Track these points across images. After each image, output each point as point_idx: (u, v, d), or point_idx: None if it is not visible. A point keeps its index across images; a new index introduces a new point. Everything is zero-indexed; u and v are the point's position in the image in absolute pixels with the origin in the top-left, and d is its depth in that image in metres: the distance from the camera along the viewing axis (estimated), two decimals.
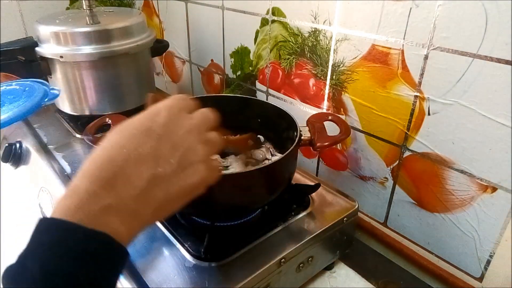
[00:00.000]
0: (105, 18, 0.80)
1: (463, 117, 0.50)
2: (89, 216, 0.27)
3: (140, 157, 0.29)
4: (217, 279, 0.46)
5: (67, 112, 0.83)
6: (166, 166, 0.30)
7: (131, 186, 0.29)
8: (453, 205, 0.55)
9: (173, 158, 0.31)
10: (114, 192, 0.28)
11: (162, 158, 0.30)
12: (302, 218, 0.56)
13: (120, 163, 0.29)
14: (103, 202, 0.28)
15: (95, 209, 0.27)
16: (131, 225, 0.29)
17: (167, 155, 0.31)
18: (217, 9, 0.84)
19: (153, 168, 0.30)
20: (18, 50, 0.74)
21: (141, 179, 0.29)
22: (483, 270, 0.55)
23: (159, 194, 0.30)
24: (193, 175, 0.32)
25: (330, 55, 0.64)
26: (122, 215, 0.28)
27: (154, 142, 0.30)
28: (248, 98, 0.68)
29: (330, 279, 0.60)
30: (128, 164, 0.29)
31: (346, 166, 0.70)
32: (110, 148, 0.30)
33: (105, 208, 0.28)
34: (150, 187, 0.30)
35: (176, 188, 0.31)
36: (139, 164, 0.29)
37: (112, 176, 0.28)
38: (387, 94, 0.58)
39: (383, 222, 0.67)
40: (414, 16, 0.51)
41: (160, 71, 1.20)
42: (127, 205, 0.29)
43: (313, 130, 0.57)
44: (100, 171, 0.29)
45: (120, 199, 0.28)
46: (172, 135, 0.31)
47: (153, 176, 0.30)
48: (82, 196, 0.28)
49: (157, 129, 0.31)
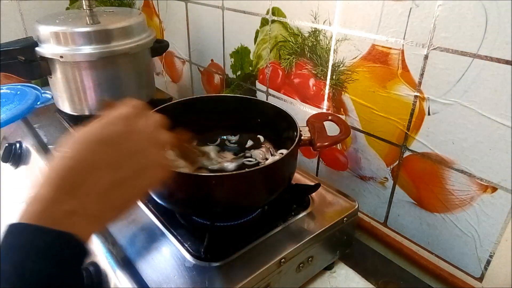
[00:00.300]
0: (105, 18, 0.80)
1: (463, 117, 0.50)
2: (54, 220, 0.29)
3: (98, 165, 0.32)
4: (217, 279, 0.46)
5: (67, 112, 0.83)
6: (122, 172, 0.33)
7: (91, 192, 0.31)
8: (453, 205, 0.55)
9: (129, 163, 0.33)
10: (76, 199, 0.30)
11: (118, 165, 0.33)
12: (302, 218, 0.56)
13: (80, 171, 0.31)
14: (65, 208, 0.30)
15: (58, 214, 0.30)
16: (93, 226, 0.32)
17: (123, 161, 0.33)
18: (217, 9, 0.84)
19: (110, 174, 0.32)
20: (18, 50, 0.74)
21: (100, 185, 0.32)
22: (483, 270, 0.55)
23: (117, 197, 0.33)
24: (148, 177, 0.35)
25: (330, 55, 0.64)
26: (84, 218, 0.31)
27: (111, 150, 0.33)
28: (248, 98, 0.68)
29: (330, 279, 0.60)
30: (87, 172, 0.31)
31: (346, 166, 0.70)
32: (70, 158, 0.32)
33: (68, 213, 0.30)
34: (109, 192, 0.32)
35: (133, 190, 0.34)
36: (98, 172, 0.32)
37: (73, 184, 0.31)
38: (387, 94, 0.58)
39: (383, 222, 0.67)
40: (414, 16, 0.51)
41: (160, 71, 1.20)
42: (88, 209, 0.31)
43: (313, 130, 0.57)
44: (62, 179, 0.31)
45: (81, 204, 0.31)
46: (126, 143, 0.34)
47: (111, 182, 0.32)
48: (46, 203, 0.30)
49: (113, 138, 0.33)
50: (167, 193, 0.51)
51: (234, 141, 0.68)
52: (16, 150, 0.77)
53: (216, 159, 0.61)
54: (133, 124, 0.35)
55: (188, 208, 0.54)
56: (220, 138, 0.68)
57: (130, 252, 0.50)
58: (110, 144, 0.33)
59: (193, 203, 0.51)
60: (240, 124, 0.68)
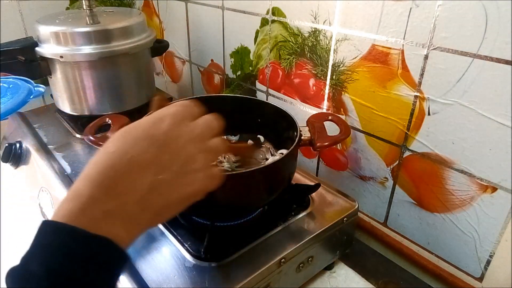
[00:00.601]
0: (105, 18, 0.80)
1: (463, 117, 0.50)
2: (91, 220, 0.28)
3: (142, 164, 0.30)
4: (217, 279, 0.46)
5: (67, 112, 0.83)
6: (167, 174, 0.31)
7: (132, 192, 0.29)
8: (453, 205, 0.55)
9: (174, 166, 0.31)
10: (116, 198, 0.29)
11: (163, 166, 0.31)
12: (302, 218, 0.56)
13: (122, 169, 0.29)
14: (104, 207, 0.28)
15: (97, 214, 0.28)
16: (131, 229, 0.30)
17: (168, 163, 0.31)
18: (217, 9, 0.84)
19: (154, 175, 0.30)
20: (18, 50, 0.74)
21: (142, 185, 0.30)
22: (483, 270, 0.55)
23: (158, 200, 0.31)
24: (192, 183, 0.33)
25: (330, 55, 0.64)
26: (123, 220, 0.29)
27: (156, 149, 0.31)
28: (248, 98, 0.68)
29: (330, 279, 0.60)
30: (130, 171, 0.29)
31: (346, 166, 0.70)
32: (113, 153, 0.30)
33: (106, 213, 0.28)
34: (150, 193, 0.30)
35: (175, 195, 0.32)
36: (141, 171, 0.30)
37: (114, 182, 0.29)
38: (387, 94, 0.58)
39: (383, 222, 0.67)
40: (414, 16, 0.51)
41: (160, 71, 1.20)
42: (127, 210, 0.29)
43: (313, 130, 0.57)
44: (103, 176, 0.29)
45: (121, 204, 0.29)
46: (173, 144, 0.32)
47: (154, 183, 0.30)
48: (84, 201, 0.28)
49: (160, 137, 0.31)
50: None
51: (234, 141, 0.68)
52: (16, 150, 0.77)
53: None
54: (183, 124, 0.33)
55: (188, 208, 0.53)
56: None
57: (130, 252, 0.49)
58: (156, 142, 0.31)
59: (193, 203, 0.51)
60: (240, 124, 0.68)
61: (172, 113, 0.33)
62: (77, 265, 0.26)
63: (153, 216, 0.31)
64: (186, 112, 0.34)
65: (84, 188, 0.29)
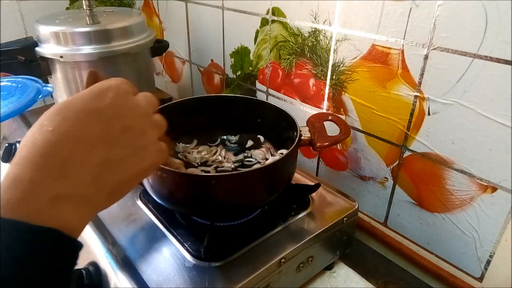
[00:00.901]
0: (105, 18, 0.80)
1: (463, 117, 0.50)
2: (35, 209, 0.24)
3: (89, 140, 0.27)
4: (217, 279, 0.46)
5: None
6: (118, 150, 0.29)
7: (82, 172, 0.27)
8: (453, 205, 0.55)
9: (125, 141, 0.29)
10: (63, 180, 0.26)
11: (113, 142, 0.29)
12: (302, 218, 0.56)
13: (67, 147, 0.26)
14: (51, 192, 0.25)
15: (42, 201, 0.25)
16: (84, 213, 0.27)
17: (118, 138, 0.29)
18: (217, 9, 0.84)
19: (104, 152, 0.28)
20: (18, 50, 0.74)
21: (92, 164, 0.27)
22: (483, 270, 0.55)
23: (112, 178, 0.29)
24: (144, 158, 0.31)
25: (330, 55, 0.64)
26: (73, 204, 0.26)
27: (103, 124, 0.28)
28: (248, 98, 0.68)
29: (330, 279, 0.60)
30: (77, 149, 0.27)
31: (346, 166, 0.70)
32: (52, 131, 0.26)
33: (53, 198, 0.25)
34: (103, 172, 0.28)
35: (129, 172, 0.30)
36: (90, 148, 0.27)
37: (60, 163, 0.26)
38: (387, 94, 0.58)
39: (383, 222, 0.67)
40: (414, 16, 0.51)
41: (160, 71, 1.20)
42: (78, 192, 0.26)
43: (313, 130, 0.57)
44: (44, 157, 0.25)
45: (70, 187, 0.26)
46: (122, 117, 0.30)
47: (105, 160, 0.28)
48: (25, 187, 0.24)
49: (106, 110, 0.29)
50: (167, 193, 0.51)
51: (234, 141, 0.68)
52: (16, 150, 0.77)
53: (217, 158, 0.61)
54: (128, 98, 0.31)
55: (188, 208, 0.54)
56: (220, 138, 0.68)
57: (130, 252, 0.50)
58: (101, 116, 0.28)
59: (193, 203, 0.51)
60: (240, 124, 0.68)
61: (115, 85, 0.31)
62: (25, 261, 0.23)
63: (107, 196, 0.29)
64: (128, 85, 0.32)
65: (23, 174, 0.25)
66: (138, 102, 0.32)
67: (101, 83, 0.31)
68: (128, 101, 0.31)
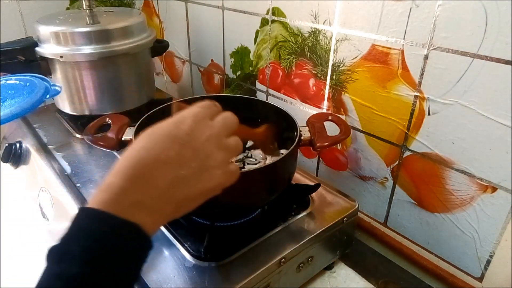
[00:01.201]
0: (105, 18, 0.80)
1: (463, 117, 0.50)
2: (121, 208, 0.31)
3: (165, 160, 0.33)
4: (217, 279, 0.46)
5: (67, 112, 0.83)
6: (187, 170, 0.34)
7: (157, 186, 0.32)
8: (453, 205, 0.55)
9: (194, 162, 0.34)
10: (142, 190, 0.32)
11: (184, 162, 0.34)
12: (302, 218, 0.56)
13: (148, 164, 0.33)
14: (133, 198, 0.31)
15: (126, 203, 0.31)
16: (156, 219, 0.33)
17: (188, 160, 0.34)
18: (217, 9, 0.84)
19: (176, 171, 0.33)
20: (18, 50, 0.74)
21: (165, 180, 0.33)
22: (483, 270, 0.55)
23: (179, 194, 0.34)
24: (211, 179, 0.36)
25: (330, 55, 0.64)
26: (148, 210, 0.32)
27: (178, 147, 0.34)
28: (248, 98, 0.68)
29: (330, 279, 0.60)
30: (155, 166, 0.33)
31: (346, 166, 0.70)
32: (140, 149, 0.33)
33: (134, 203, 0.31)
34: (172, 187, 0.33)
35: (195, 190, 0.35)
36: (164, 167, 0.33)
37: (141, 176, 0.32)
38: (387, 94, 0.58)
39: (383, 222, 0.67)
40: (414, 16, 0.51)
41: (160, 71, 1.20)
42: (152, 202, 0.32)
43: (313, 130, 0.57)
44: (132, 170, 0.32)
45: (147, 196, 0.32)
46: (194, 142, 0.35)
47: (176, 178, 0.33)
48: (115, 191, 0.31)
49: (182, 136, 0.34)
50: None
51: None
52: (16, 150, 0.77)
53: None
54: (203, 124, 0.36)
55: None
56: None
57: None
58: (178, 140, 0.34)
59: None
60: None
61: (193, 114, 0.36)
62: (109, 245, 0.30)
63: (175, 208, 0.34)
64: (205, 113, 0.37)
65: (115, 180, 0.32)
66: (212, 127, 0.36)
67: (183, 112, 0.36)
68: (202, 127, 0.36)
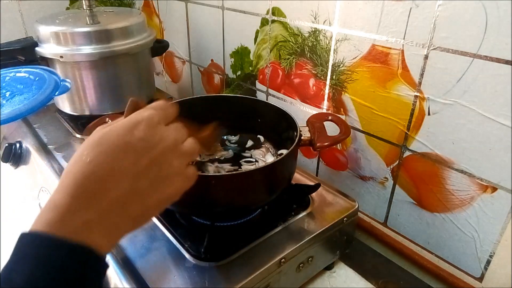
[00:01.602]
0: (105, 18, 0.80)
1: (463, 117, 0.50)
2: (70, 230, 0.28)
3: (118, 172, 0.30)
4: (217, 279, 0.46)
5: (67, 112, 0.83)
6: (144, 181, 0.31)
7: (110, 201, 0.30)
8: (453, 205, 0.55)
9: (151, 172, 0.32)
10: (93, 208, 0.29)
11: (140, 173, 0.31)
12: (302, 218, 0.56)
13: (99, 179, 0.30)
14: (83, 218, 0.29)
15: (76, 224, 0.28)
16: (111, 236, 0.31)
17: (145, 169, 0.32)
18: (217, 9, 0.84)
19: (131, 183, 0.31)
20: (18, 50, 0.74)
21: (118, 193, 0.30)
22: (483, 270, 0.55)
23: (136, 207, 0.31)
24: (169, 187, 0.34)
25: (330, 55, 0.64)
26: (101, 229, 0.29)
27: (133, 157, 0.31)
28: (248, 98, 0.68)
29: (330, 279, 0.60)
30: (106, 180, 0.30)
31: (346, 166, 0.70)
32: (89, 163, 0.30)
33: (85, 223, 0.29)
34: (129, 200, 0.31)
35: (153, 200, 0.33)
36: (118, 180, 0.30)
37: (92, 192, 0.29)
38: (387, 94, 0.58)
39: (383, 222, 0.67)
40: (414, 16, 0.51)
41: (160, 71, 1.20)
42: (106, 219, 0.30)
43: (313, 130, 0.57)
44: (79, 187, 0.29)
45: (100, 214, 0.29)
46: (149, 150, 0.32)
47: (131, 190, 0.31)
48: (63, 211, 0.28)
49: (136, 144, 0.31)
50: None
51: (234, 141, 0.68)
52: (16, 150, 0.77)
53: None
54: (158, 129, 0.33)
55: (188, 208, 0.54)
56: (220, 138, 0.68)
57: (130, 252, 0.50)
58: (132, 149, 0.31)
59: (193, 203, 0.51)
60: (240, 124, 0.68)
61: (147, 117, 0.33)
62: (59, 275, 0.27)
63: (132, 223, 0.32)
64: (160, 116, 0.34)
65: (61, 199, 0.29)
66: (168, 133, 0.34)
67: (135, 116, 0.33)
68: (157, 133, 0.33)
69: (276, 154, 0.63)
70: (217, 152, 0.63)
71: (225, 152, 0.64)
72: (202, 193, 0.49)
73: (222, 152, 0.63)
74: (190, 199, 0.50)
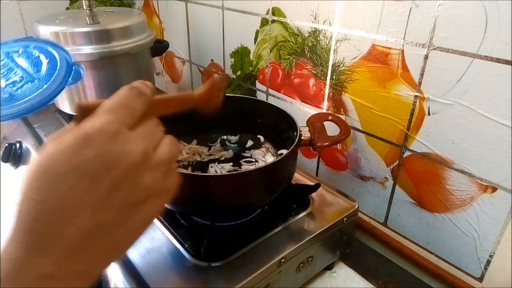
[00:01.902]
0: (105, 18, 0.80)
1: (463, 117, 0.50)
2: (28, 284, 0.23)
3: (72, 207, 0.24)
4: (217, 279, 0.46)
5: (67, 112, 0.83)
6: (107, 212, 0.25)
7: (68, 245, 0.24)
8: (453, 205, 0.55)
9: (114, 200, 0.25)
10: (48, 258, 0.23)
11: (100, 203, 0.24)
12: (302, 218, 0.56)
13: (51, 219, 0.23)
14: (37, 272, 0.23)
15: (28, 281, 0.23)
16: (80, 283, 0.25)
17: (105, 198, 0.24)
18: (217, 9, 0.84)
19: (91, 218, 0.24)
20: None
21: (78, 234, 0.24)
22: (483, 270, 0.55)
23: (103, 244, 0.25)
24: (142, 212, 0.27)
25: (330, 55, 0.64)
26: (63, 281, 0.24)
27: (88, 184, 0.24)
28: (248, 98, 0.68)
29: (330, 279, 0.60)
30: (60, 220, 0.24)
31: (346, 166, 0.70)
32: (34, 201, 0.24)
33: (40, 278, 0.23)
34: (92, 239, 0.25)
35: (124, 232, 0.26)
36: (73, 218, 0.24)
37: (42, 238, 0.24)
38: (387, 94, 0.58)
39: (383, 222, 0.67)
40: (414, 16, 0.51)
41: (160, 71, 1.20)
42: (66, 268, 0.24)
43: (313, 130, 0.57)
44: (28, 233, 0.24)
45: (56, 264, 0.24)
46: (109, 172, 0.24)
47: (94, 227, 0.24)
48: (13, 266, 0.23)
49: (90, 166, 0.24)
50: None
51: (234, 141, 0.68)
52: (16, 150, 0.77)
53: None
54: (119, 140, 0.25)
55: (188, 208, 0.54)
56: (220, 138, 0.68)
57: (130, 252, 0.50)
58: (86, 174, 0.24)
59: (193, 203, 0.51)
60: (240, 124, 0.68)
61: (99, 127, 0.25)
62: None
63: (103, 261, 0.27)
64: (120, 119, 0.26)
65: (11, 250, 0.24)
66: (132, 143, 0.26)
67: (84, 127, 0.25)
68: (117, 146, 0.25)
69: (276, 154, 0.63)
70: (218, 152, 0.63)
71: (225, 152, 0.64)
72: (202, 193, 0.49)
73: (222, 152, 0.63)
74: (190, 199, 0.51)
